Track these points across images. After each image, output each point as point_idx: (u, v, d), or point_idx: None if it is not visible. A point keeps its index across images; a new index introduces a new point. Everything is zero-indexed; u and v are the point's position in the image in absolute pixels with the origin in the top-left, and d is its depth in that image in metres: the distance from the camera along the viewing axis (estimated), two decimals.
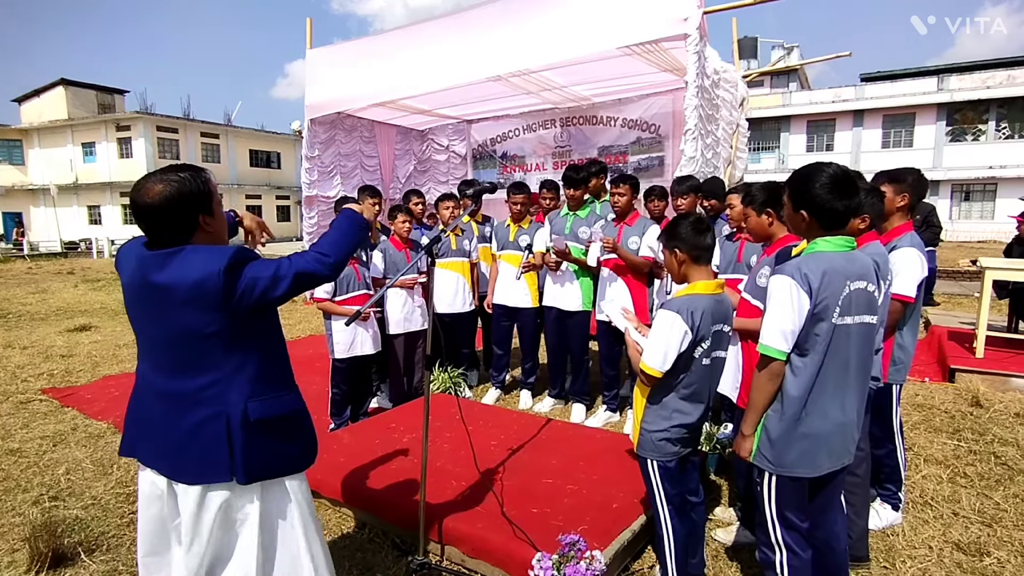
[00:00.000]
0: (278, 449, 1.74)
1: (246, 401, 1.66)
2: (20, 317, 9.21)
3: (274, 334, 1.80)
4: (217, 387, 1.65)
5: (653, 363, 2.08)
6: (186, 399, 1.65)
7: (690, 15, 4.71)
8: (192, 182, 1.66)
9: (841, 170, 1.94)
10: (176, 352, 1.66)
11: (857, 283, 1.90)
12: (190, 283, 1.57)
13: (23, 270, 18.00)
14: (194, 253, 1.62)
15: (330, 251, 1.77)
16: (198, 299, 1.58)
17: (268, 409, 1.70)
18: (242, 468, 1.64)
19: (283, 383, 1.79)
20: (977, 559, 2.56)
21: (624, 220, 4.07)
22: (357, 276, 3.97)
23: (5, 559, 2.68)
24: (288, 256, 1.70)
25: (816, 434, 1.92)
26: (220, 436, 1.64)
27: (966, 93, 25.10)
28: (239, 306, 1.60)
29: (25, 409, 4.72)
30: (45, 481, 3.44)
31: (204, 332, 1.61)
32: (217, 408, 1.65)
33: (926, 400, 4.54)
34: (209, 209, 1.69)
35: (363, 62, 6.82)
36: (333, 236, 1.83)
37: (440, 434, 3.57)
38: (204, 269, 1.57)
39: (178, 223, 1.65)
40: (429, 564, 2.46)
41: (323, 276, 1.75)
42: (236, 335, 1.65)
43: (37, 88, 32.52)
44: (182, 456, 1.66)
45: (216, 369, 1.64)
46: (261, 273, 1.62)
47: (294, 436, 1.79)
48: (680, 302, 2.12)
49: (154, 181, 1.64)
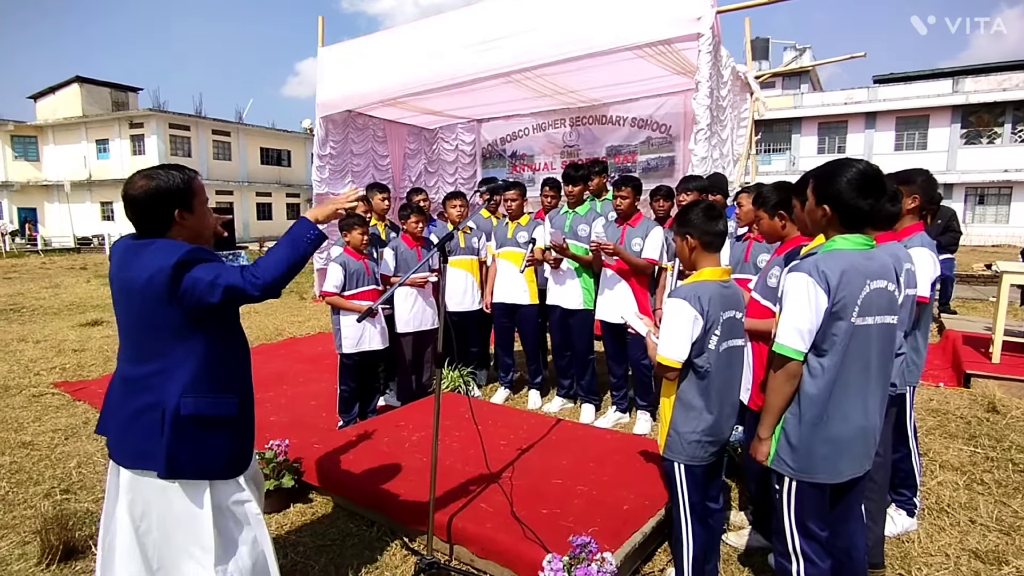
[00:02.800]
0: (205, 450, 1.77)
1: (181, 395, 1.72)
2: (34, 311, 9.30)
3: (227, 336, 1.85)
4: (160, 376, 1.72)
5: (669, 353, 2.05)
6: (135, 384, 1.75)
7: (703, 14, 4.66)
8: (173, 179, 1.76)
9: (871, 168, 1.88)
10: (135, 339, 1.78)
11: (877, 282, 1.85)
12: (147, 274, 1.67)
13: (36, 265, 18.20)
14: (158, 247, 1.71)
15: (262, 272, 1.73)
16: (150, 290, 1.67)
17: (201, 407, 1.75)
18: (165, 462, 1.69)
19: (225, 386, 1.82)
20: (996, 567, 2.52)
21: (627, 222, 4.04)
22: (367, 271, 3.98)
23: (16, 551, 2.70)
24: (228, 266, 1.74)
25: (838, 439, 1.86)
26: (155, 425, 1.70)
27: (981, 95, 24.81)
28: (182, 303, 1.67)
29: (38, 402, 4.76)
30: (57, 474, 3.46)
31: (154, 322, 1.71)
32: (157, 396, 1.72)
33: (941, 405, 4.48)
34: (188, 205, 1.78)
35: (374, 60, 6.82)
36: (274, 252, 1.78)
37: (449, 433, 3.56)
38: (160, 262, 1.66)
39: (155, 216, 1.76)
40: (437, 563, 2.45)
41: (251, 296, 1.72)
42: (184, 329, 1.72)
43: (52, 85, 32.92)
44: (124, 439, 1.75)
45: (163, 359, 1.72)
46: (204, 276, 1.68)
47: (222, 441, 1.81)
48: (687, 289, 2.10)
49: (141, 176, 1.76)
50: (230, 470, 1.84)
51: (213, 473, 1.79)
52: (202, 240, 1.85)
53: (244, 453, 1.89)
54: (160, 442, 1.69)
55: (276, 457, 3.08)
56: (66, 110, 32.01)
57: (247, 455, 1.90)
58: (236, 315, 1.90)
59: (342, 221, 3.94)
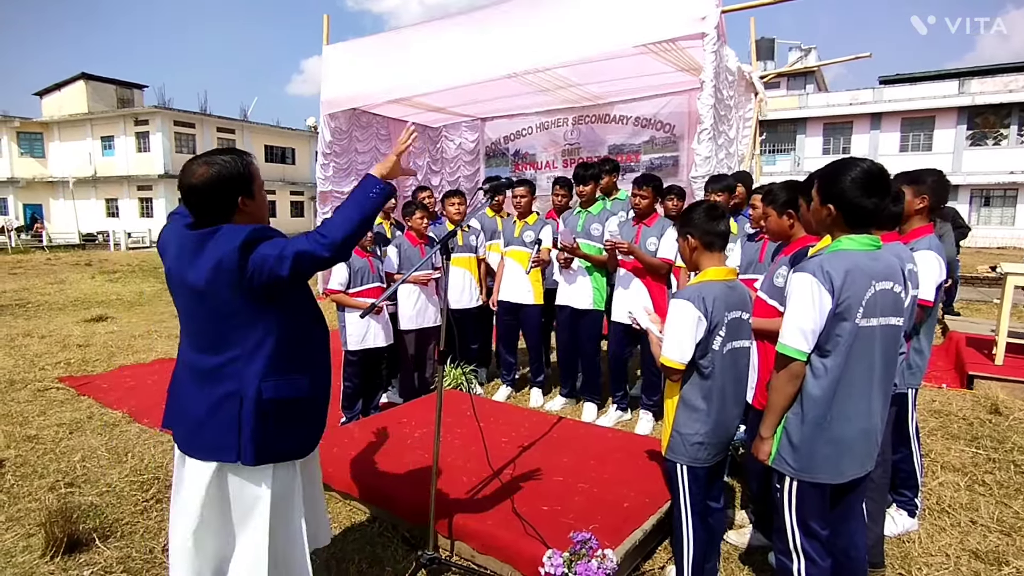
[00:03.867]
0: (286, 432, 1.75)
1: (260, 380, 1.69)
2: (39, 307, 9.35)
3: (298, 315, 1.80)
4: (236, 364, 1.69)
5: (672, 355, 2.05)
6: (209, 375, 1.70)
7: (708, 14, 4.67)
8: (234, 164, 1.72)
9: (876, 167, 1.87)
10: (204, 328, 1.72)
11: (883, 283, 1.84)
12: (214, 260, 1.62)
13: (42, 261, 18.27)
14: (223, 232, 1.66)
15: (330, 231, 1.69)
16: (220, 276, 1.63)
17: (281, 390, 1.73)
18: (252, 449, 1.67)
19: (301, 366, 1.79)
20: (995, 568, 2.52)
21: (643, 221, 4.04)
22: (371, 269, 3.99)
23: (21, 543, 2.72)
24: (296, 236, 1.71)
25: (840, 439, 1.86)
26: (233, 417, 1.67)
27: (987, 96, 24.71)
28: (252, 283, 1.63)
29: (43, 397, 4.79)
30: (61, 468, 3.48)
31: (227, 309, 1.66)
32: (235, 385, 1.68)
33: (943, 407, 4.47)
34: (249, 191, 1.74)
35: (379, 58, 6.84)
36: (340, 211, 1.76)
37: (451, 430, 3.57)
38: (226, 247, 1.62)
39: (218, 203, 1.70)
40: (439, 559, 2.46)
41: (322, 257, 1.68)
42: (257, 312, 1.68)
43: (58, 82, 33.04)
44: (199, 432, 1.71)
45: (237, 346, 1.69)
46: (271, 251, 1.64)
47: (302, 421, 1.81)
48: (690, 290, 2.10)
49: (199, 163, 1.70)
50: (305, 449, 1.83)
51: (292, 454, 1.78)
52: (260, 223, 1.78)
53: (318, 431, 1.88)
54: (243, 430, 1.67)
55: None
56: (72, 107, 32.14)
57: (320, 433, 1.89)
58: (307, 291, 1.85)
59: None
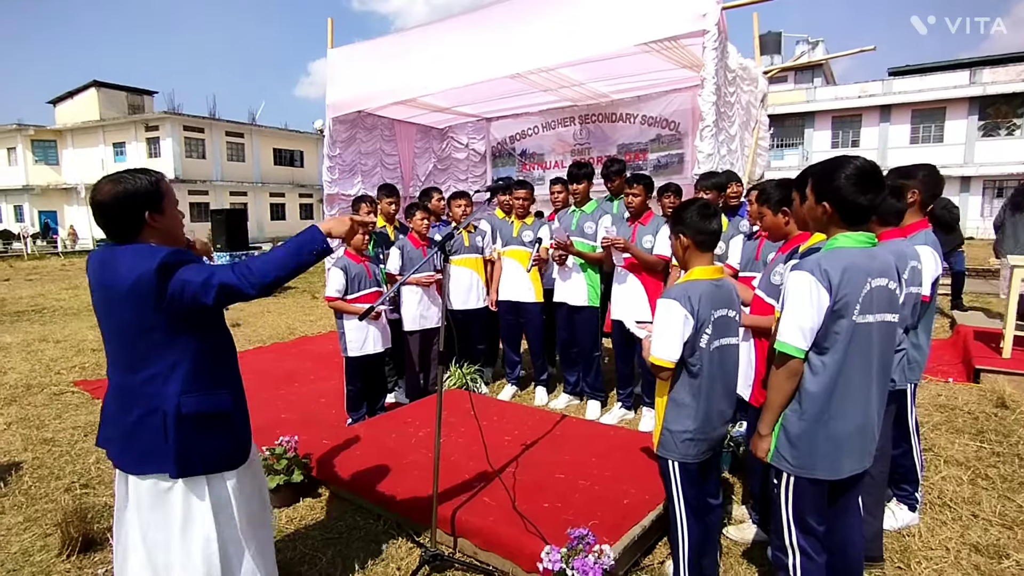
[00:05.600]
0: (209, 445, 1.81)
1: (180, 396, 1.74)
2: (54, 312, 9.52)
3: (214, 332, 1.86)
4: (156, 382, 1.74)
5: (661, 354, 2.08)
6: (131, 392, 1.76)
7: (709, 11, 4.66)
8: (140, 181, 1.74)
9: (868, 164, 1.88)
10: (123, 347, 1.77)
11: (878, 280, 1.86)
12: (129, 281, 1.66)
13: (57, 267, 18.57)
14: (133, 252, 1.70)
15: (259, 269, 1.74)
16: (135, 296, 1.66)
17: (201, 405, 1.78)
18: (174, 461, 1.73)
19: (219, 381, 1.85)
20: (996, 561, 2.52)
21: (638, 219, 4.07)
22: (368, 274, 4.03)
23: (38, 543, 2.81)
24: (222, 266, 1.76)
25: (837, 436, 1.88)
26: (158, 430, 1.73)
27: (999, 86, 24.39)
28: (172, 307, 1.68)
29: (58, 400, 4.90)
30: (76, 469, 3.57)
31: (142, 328, 1.70)
32: (156, 403, 1.74)
33: (949, 401, 4.46)
34: (158, 207, 1.77)
35: (383, 61, 6.89)
36: (275, 254, 1.80)
37: (455, 429, 3.62)
38: (140, 267, 1.65)
39: (125, 219, 1.73)
40: (441, 555, 2.51)
41: (246, 294, 1.73)
42: (173, 332, 1.73)
43: (71, 90, 33.50)
44: (128, 447, 1.77)
45: (156, 363, 1.73)
46: (193, 278, 1.68)
47: (224, 434, 1.86)
48: (676, 289, 2.13)
49: (106, 181, 1.74)
50: (233, 461, 1.89)
51: (219, 465, 1.84)
52: (176, 242, 1.84)
53: (244, 444, 1.95)
54: (167, 444, 1.72)
55: (286, 453, 3.16)
56: (84, 114, 32.58)
57: (247, 445, 1.96)
58: (221, 312, 1.90)
59: None
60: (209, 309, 1.73)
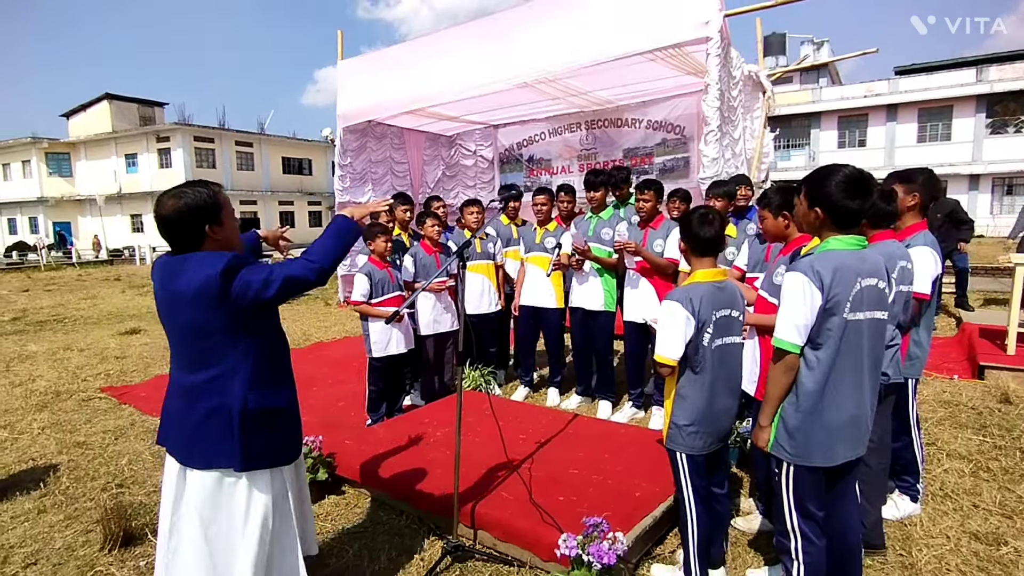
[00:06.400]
0: (271, 440, 1.95)
1: (246, 393, 1.87)
2: (75, 321, 9.76)
3: (273, 333, 2.02)
4: (221, 380, 1.86)
5: (664, 352, 2.23)
6: (196, 391, 1.88)
7: (711, 18, 4.80)
8: (200, 196, 1.86)
9: (857, 171, 2.03)
10: (189, 349, 1.89)
11: (868, 280, 1.99)
12: (195, 285, 1.78)
13: (73, 277, 18.91)
14: (198, 259, 1.84)
15: (317, 257, 1.92)
16: (202, 299, 1.80)
17: (264, 401, 1.92)
18: (241, 456, 1.86)
19: (279, 379, 2.01)
20: (994, 548, 2.63)
21: (650, 224, 4.20)
22: (391, 279, 4.19)
23: (80, 539, 2.97)
24: (280, 263, 1.90)
25: (832, 425, 2.01)
26: (224, 426, 1.86)
27: (1007, 84, 24.31)
28: (235, 305, 1.81)
29: (87, 406, 5.08)
30: (110, 470, 3.74)
31: (209, 328, 1.83)
32: (221, 399, 1.86)
33: (953, 397, 4.54)
34: (217, 220, 1.90)
35: (392, 71, 7.07)
36: (322, 243, 1.98)
37: (472, 428, 3.75)
38: (205, 272, 1.79)
39: (187, 232, 1.86)
40: (462, 547, 2.65)
41: (310, 281, 1.90)
42: (237, 332, 1.86)
43: (84, 103, 34.11)
44: (193, 444, 1.89)
45: (221, 363, 1.86)
46: (254, 277, 1.82)
47: (284, 429, 2.01)
48: (679, 291, 2.28)
49: (168, 195, 1.86)
50: (291, 455, 2.04)
51: (279, 459, 1.98)
52: (232, 250, 1.94)
53: (299, 439, 2.10)
54: (233, 440, 1.84)
55: (311, 452, 3.30)
56: (97, 126, 33.17)
57: (300, 441, 2.12)
58: (277, 314, 2.06)
59: (366, 231, 4.17)
60: (269, 305, 1.86)
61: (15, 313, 10.76)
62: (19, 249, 29.90)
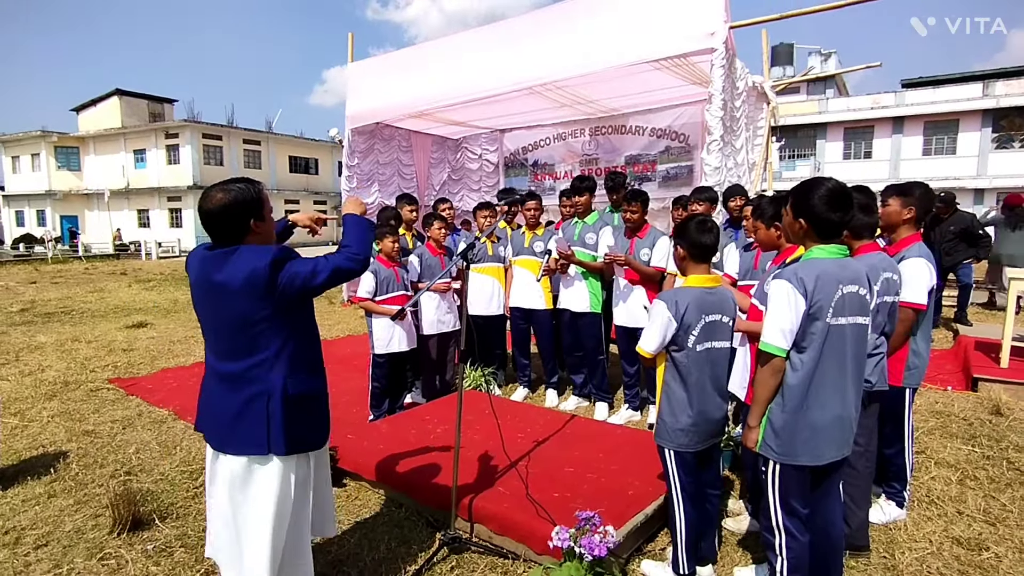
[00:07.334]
0: (308, 424, 2.05)
1: (286, 378, 1.97)
2: (83, 314, 9.88)
3: (310, 324, 2.13)
4: (263, 367, 1.95)
5: (643, 344, 2.39)
6: (237, 378, 1.96)
7: (716, 30, 4.90)
8: (247, 191, 1.98)
9: (839, 185, 2.15)
10: (231, 338, 1.97)
11: (849, 287, 2.09)
12: (243, 276, 1.87)
13: (80, 271, 19.06)
14: (247, 252, 1.93)
15: (358, 248, 2.06)
16: (250, 289, 1.89)
17: (304, 386, 2.02)
18: (281, 440, 1.94)
19: (314, 366, 2.11)
20: (976, 553, 2.70)
21: (636, 233, 4.31)
22: (396, 278, 4.29)
23: (90, 523, 3.06)
24: (325, 255, 2.00)
25: (817, 425, 2.10)
26: (263, 411, 1.94)
27: (1013, 98, 24.28)
28: (283, 295, 1.91)
29: (95, 396, 5.19)
30: (119, 459, 3.84)
31: (255, 318, 1.92)
32: (264, 386, 1.95)
33: (946, 408, 4.61)
34: (260, 215, 2.00)
35: (400, 74, 7.19)
36: (355, 235, 2.10)
37: (471, 426, 3.84)
38: (254, 264, 1.88)
39: (233, 226, 1.95)
40: (459, 539, 2.74)
41: (356, 271, 2.04)
42: (280, 321, 1.95)
43: (94, 98, 34.37)
44: (232, 430, 1.96)
45: (263, 351, 1.95)
46: (301, 268, 1.93)
47: (318, 414, 2.11)
48: (668, 294, 2.40)
49: (217, 190, 1.96)
50: (323, 438, 2.14)
51: (312, 444, 2.07)
52: (269, 243, 2.03)
53: (329, 424, 2.19)
54: (273, 424, 1.91)
55: None
56: (106, 122, 33.39)
57: (329, 426, 2.20)
58: (312, 305, 2.13)
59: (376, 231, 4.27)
60: (316, 292, 1.97)
61: (23, 304, 10.90)
62: (26, 241, 30.13)
